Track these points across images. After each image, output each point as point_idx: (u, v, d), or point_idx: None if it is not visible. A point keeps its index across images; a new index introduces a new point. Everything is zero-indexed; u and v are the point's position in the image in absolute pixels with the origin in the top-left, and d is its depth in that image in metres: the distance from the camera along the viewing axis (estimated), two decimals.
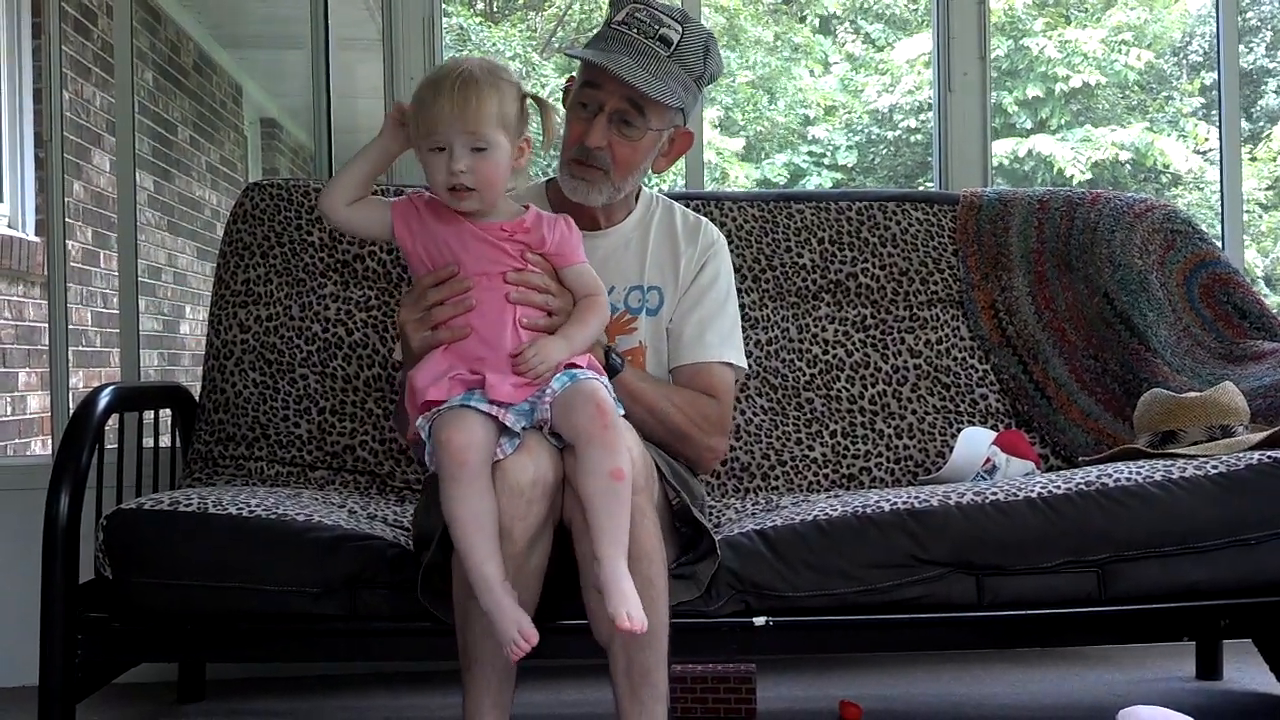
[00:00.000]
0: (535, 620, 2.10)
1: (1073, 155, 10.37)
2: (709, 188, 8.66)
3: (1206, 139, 10.49)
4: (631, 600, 1.96)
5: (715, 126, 10.55)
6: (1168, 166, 10.50)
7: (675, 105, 2.40)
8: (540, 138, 2.23)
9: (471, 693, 2.12)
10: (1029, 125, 10.72)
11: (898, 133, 10.98)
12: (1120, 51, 10.75)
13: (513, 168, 2.16)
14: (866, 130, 11.15)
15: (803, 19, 11.59)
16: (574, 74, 2.49)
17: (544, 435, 2.08)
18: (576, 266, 2.22)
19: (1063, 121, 10.74)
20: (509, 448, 2.05)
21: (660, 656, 2.11)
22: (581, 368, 2.11)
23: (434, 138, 2.10)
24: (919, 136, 10.86)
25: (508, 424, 2.05)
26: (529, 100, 2.18)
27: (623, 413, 2.14)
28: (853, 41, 11.41)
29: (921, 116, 10.74)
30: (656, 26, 2.38)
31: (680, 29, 2.40)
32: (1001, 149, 10.22)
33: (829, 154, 11.07)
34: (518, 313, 2.13)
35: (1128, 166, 10.47)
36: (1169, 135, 10.74)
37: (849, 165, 10.98)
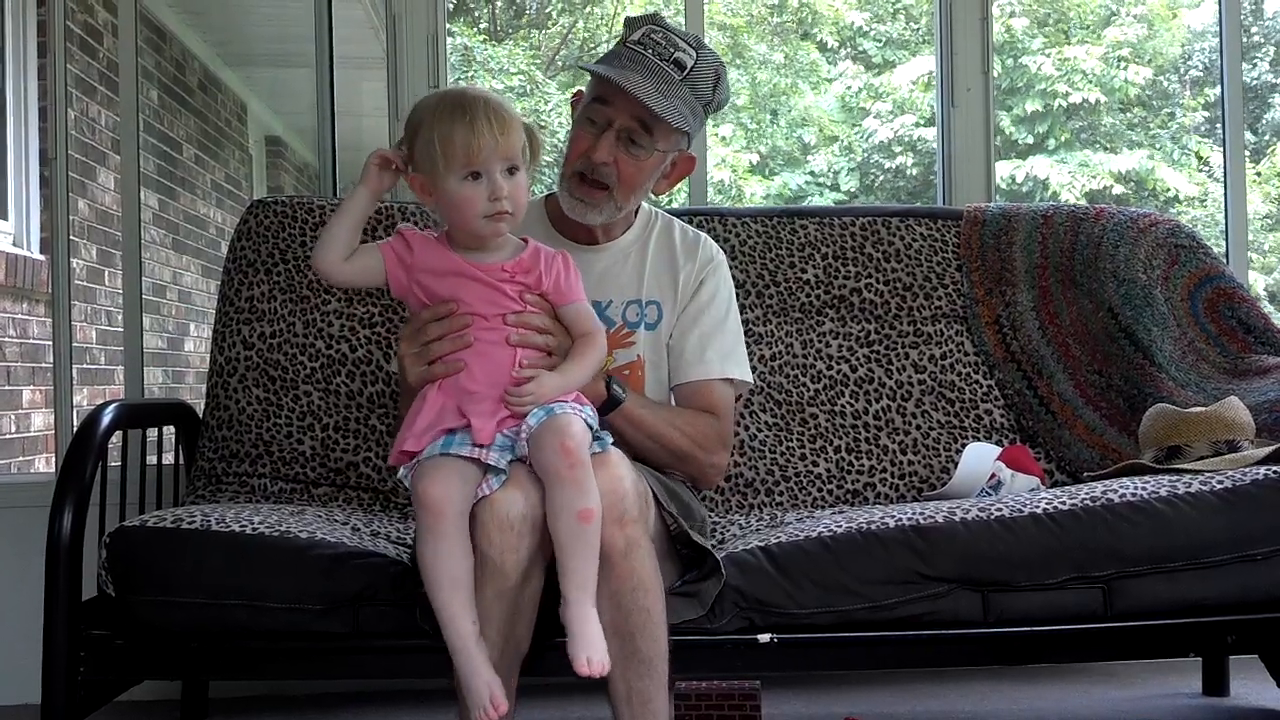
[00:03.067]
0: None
1: (1069, 179, 10.38)
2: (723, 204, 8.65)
3: (1210, 154, 10.48)
4: (594, 644, 1.97)
5: (725, 144, 10.56)
6: (1166, 192, 10.50)
7: (683, 128, 2.41)
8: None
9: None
10: (1029, 141, 10.73)
11: (896, 163, 11.00)
12: (1119, 68, 10.76)
13: None
14: (867, 153, 11.17)
15: (805, 36, 11.61)
16: (581, 89, 2.50)
17: (529, 469, 2.07)
18: (575, 305, 2.21)
19: (1062, 140, 10.75)
20: (495, 484, 2.04)
21: (659, 683, 2.11)
22: (562, 401, 2.09)
23: (473, 165, 2.09)
24: (916, 169, 10.87)
25: (490, 462, 2.04)
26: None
27: (612, 441, 2.13)
28: (853, 70, 11.42)
29: (919, 147, 10.75)
30: (671, 50, 2.40)
31: (694, 54, 2.41)
32: (999, 172, 10.21)
33: (830, 176, 11.09)
34: (519, 355, 2.12)
35: (1128, 196, 10.47)
36: (1171, 158, 10.73)
37: (851, 189, 11.00)
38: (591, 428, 2.09)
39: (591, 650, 1.96)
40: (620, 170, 2.40)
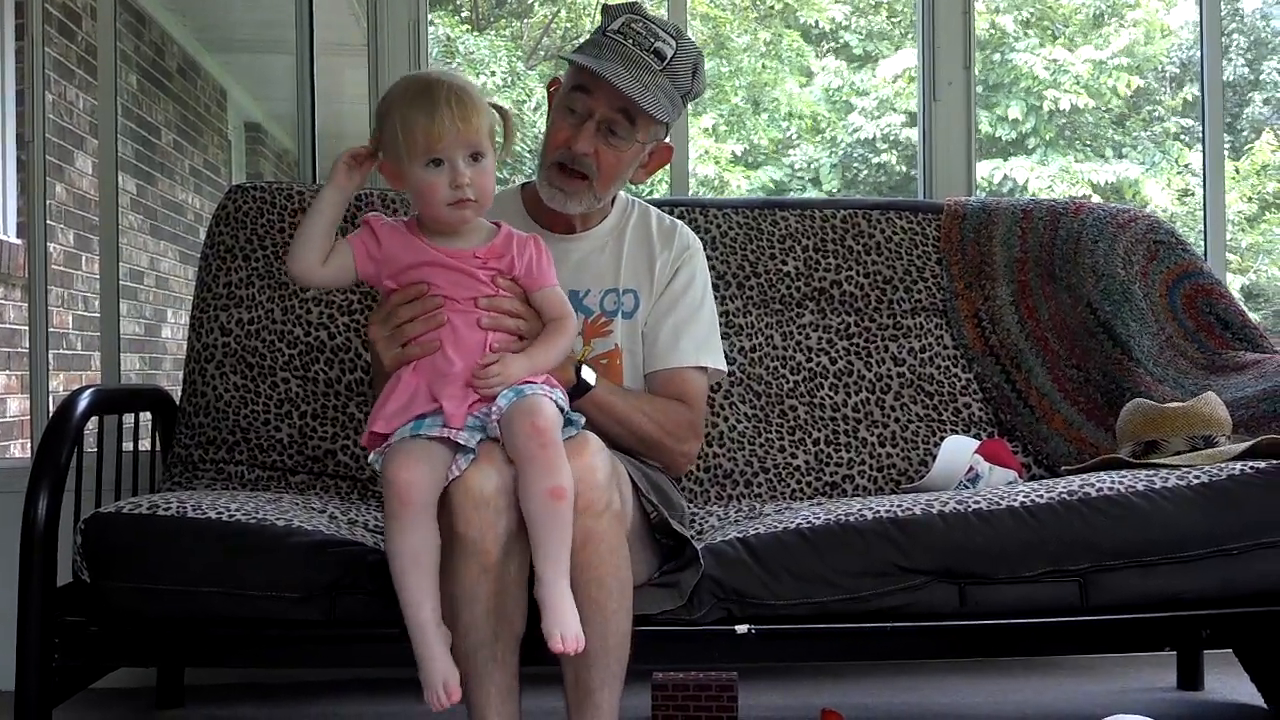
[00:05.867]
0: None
1: (1047, 184, 10.41)
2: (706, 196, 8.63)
3: (1189, 164, 10.52)
4: (567, 621, 1.97)
5: (709, 135, 10.54)
6: (1145, 205, 10.53)
7: (663, 119, 2.41)
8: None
9: (474, 703, 2.11)
10: (1011, 137, 10.74)
11: (879, 159, 11.01)
12: (1111, 76, 10.77)
13: None
14: (849, 148, 11.16)
15: (789, 25, 11.59)
16: (558, 76, 2.49)
17: (500, 447, 2.07)
18: (546, 290, 2.21)
19: (1045, 139, 10.76)
20: (464, 463, 2.04)
21: (605, 677, 2.11)
22: (533, 383, 2.10)
23: (434, 152, 2.08)
24: (900, 166, 10.88)
25: (460, 441, 2.04)
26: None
27: (584, 422, 2.14)
28: (835, 64, 11.41)
29: (902, 146, 10.75)
30: (651, 40, 2.39)
31: (674, 44, 2.41)
32: (977, 174, 10.20)
33: (811, 171, 11.08)
34: (490, 338, 2.12)
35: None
36: (1152, 159, 10.74)
37: (833, 188, 10.99)
38: (563, 410, 2.09)
39: (564, 627, 1.97)
40: (600, 161, 2.40)
